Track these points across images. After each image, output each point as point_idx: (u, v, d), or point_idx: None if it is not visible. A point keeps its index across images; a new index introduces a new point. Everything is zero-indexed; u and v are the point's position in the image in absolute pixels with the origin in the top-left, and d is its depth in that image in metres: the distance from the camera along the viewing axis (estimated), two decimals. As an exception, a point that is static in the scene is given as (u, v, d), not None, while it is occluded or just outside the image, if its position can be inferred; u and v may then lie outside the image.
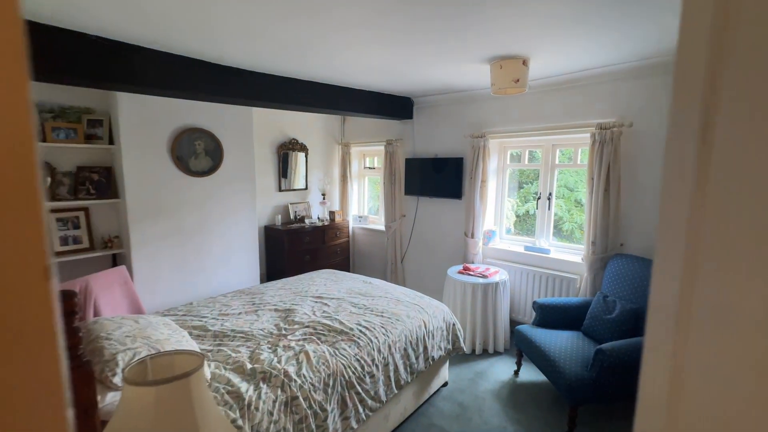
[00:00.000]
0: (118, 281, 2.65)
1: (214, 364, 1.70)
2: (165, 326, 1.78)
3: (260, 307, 2.44)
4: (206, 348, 1.86)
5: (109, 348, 1.39)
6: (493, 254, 3.63)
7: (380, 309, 2.38)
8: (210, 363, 1.70)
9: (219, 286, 3.51)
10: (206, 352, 1.82)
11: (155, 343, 1.51)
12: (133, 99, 2.84)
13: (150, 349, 1.45)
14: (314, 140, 4.73)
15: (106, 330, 1.56)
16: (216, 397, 1.46)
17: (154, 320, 1.81)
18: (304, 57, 2.47)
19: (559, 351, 2.30)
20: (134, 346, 1.43)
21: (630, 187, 2.78)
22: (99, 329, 1.57)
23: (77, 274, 2.76)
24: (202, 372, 0.89)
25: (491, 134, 3.49)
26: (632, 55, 2.46)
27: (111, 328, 1.59)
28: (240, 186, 3.61)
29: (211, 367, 1.66)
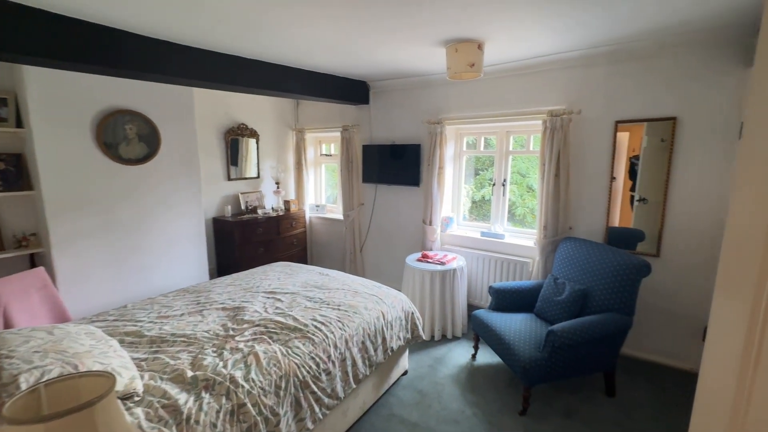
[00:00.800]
0: (36, 285, 2.33)
1: (148, 374, 1.52)
2: (88, 336, 1.57)
3: (206, 306, 2.25)
4: (140, 357, 1.67)
5: (9, 368, 1.18)
6: (451, 240, 3.65)
7: (337, 302, 2.29)
8: (143, 374, 1.53)
9: (163, 285, 3.23)
10: (140, 361, 1.63)
11: (72, 358, 1.31)
12: (43, 75, 2.45)
13: (64, 365, 1.25)
14: (266, 125, 4.45)
15: (7, 346, 1.32)
16: (149, 413, 1.30)
17: (75, 329, 1.59)
18: (247, 32, 2.25)
19: (513, 334, 2.36)
20: (43, 364, 1.22)
21: (578, 173, 2.88)
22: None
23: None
24: (113, 397, 0.75)
25: (448, 120, 3.46)
26: (583, 43, 2.50)
27: (15, 342, 1.36)
28: (182, 175, 3.31)
29: (144, 379, 1.49)
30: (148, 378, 1.50)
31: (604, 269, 2.37)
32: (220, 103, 3.94)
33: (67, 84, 2.56)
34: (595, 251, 2.51)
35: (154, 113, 3.03)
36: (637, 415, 2.20)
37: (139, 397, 1.38)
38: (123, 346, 1.77)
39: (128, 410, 1.29)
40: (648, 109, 2.56)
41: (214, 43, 2.47)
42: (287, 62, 3.01)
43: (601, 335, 2.14)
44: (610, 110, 2.70)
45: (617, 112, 2.68)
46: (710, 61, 2.35)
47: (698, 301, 2.53)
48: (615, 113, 2.69)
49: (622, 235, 2.78)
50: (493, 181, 3.47)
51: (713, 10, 1.96)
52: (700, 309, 2.53)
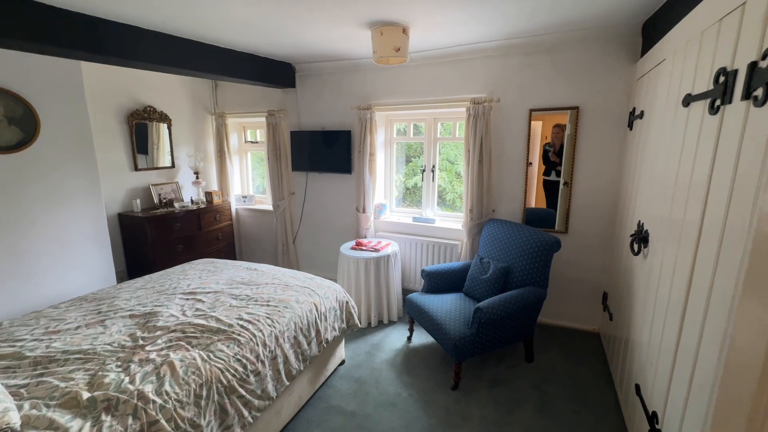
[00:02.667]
0: None
1: (29, 403, 1.28)
2: (-61, 366, 1.26)
3: (108, 315, 1.97)
4: (18, 383, 1.40)
5: None
6: (385, 227, 3.68)
7: (266, 298, 2.16)
8: (23, 403, 1.28)
9: (57, 295, 2.76)
10: (18, 388, 1.36)
11: None
12: None
13: None
14: (178, 109, 3.99)
15: None
16: (29, 449, 1.09)
17: None
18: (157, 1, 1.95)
19: (444, 314, 2.45)
20: None
21: (498, 158, 3.06)
22: None
23: None
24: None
25: (377, 106, 3.43)
26: (500, 33, 2.62)
27: None
28: (73, 164, 2.82)
29: (23, 409, 1.25)
30: (30, 407, 1.26)
31: (522, 247, 2.57)
32: (119, 82, 3.43)
33: None
34: (515, 231, 2.70)
35: (27, 91, 2.52)
36: (552, 377, 2.45)
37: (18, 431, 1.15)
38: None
39: (0, 450, 1.07)
40: (556, 98, 2.80)
41: (102, 8, 2.10)
42: (197, 37, 2.70)
43: (521, 307, 2.33)
44: (525, 99, 2.90)
45: (531, 101, 2.88)
46: (603, 56, 2.62)
47: (600, 271, 2.88)
48: (529, 102, 2.89)
49: (538, 215, 3.03)
50: (423, 168, 3.55)
51: (602, 9, 2.17)
52: (600, 277, 2.88)
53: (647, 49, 2.27)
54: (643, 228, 1.88)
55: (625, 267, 2.25)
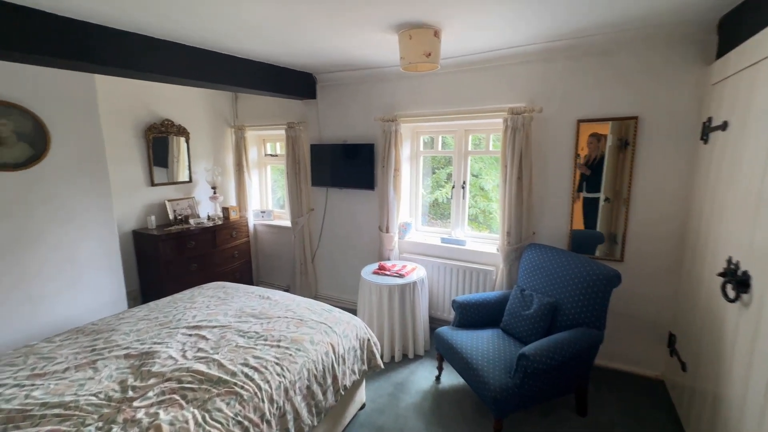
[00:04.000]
0: None
1: (-17, 483, 1.05)
2: None
3: (103, 354, 1.76)
4: (-19, 450, 1.18)
5: None
6: (410, 248, 3.37)
7: (277, 336, 1.90)
8: (-23, 482, 1.05)
9: (67, 318, 2.61)
10: (-23, 458, 1.15)
11: None
12: None
13: None
14: (198, 122, 3.88)
15: None
16: None
17: None
18: (160, 5, 1.77)
19: (480, 356, 2.11)
20: None
21: (540, 175, 2.71)
22: None
23: None
24: None
25: (403, 118, 3.16)
26: (543, 35, 2.31)
27: None
28: (85, 181, 2.70)
29: (-26, 493, 1.02)
30: (-18, 490, 1.03)
31: (573, 280, 2.20)
32: (136, 96, 3.33)
33: None
34: (562, 259, 2.34)
35: (38, 106, 2.41)
36: (611, 436, 2.05)
37: None
38: (-40, 432, 1.26)
39: None
40: (610, 106, 2.44)
41: (114, 17, 1.95)
42: (213, 47, 2.53)
43: (574, 354, 1.96)
44: (572, 108, 2.55)
45: (579, 111, 2.53)
46: (668, 58, 2.26)
47: (663, 306, 2.46)
48: (576, 111, 2.54)
49: (583, 237, 2.65)
50: (452, 183, 3.23)
51: (673, 2, 1.82)
52: (663, 313, 2.46)
53: (727, 49, 1.90)
54: (738, 268, 1.50)
55: (706, 310, 1.85)
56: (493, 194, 3.42)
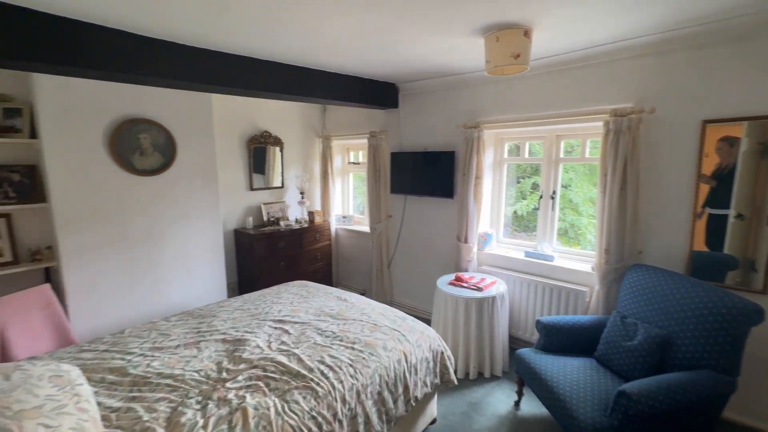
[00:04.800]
0: (39, 304, 2.20)
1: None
2: (51, 381, 1.33)
3: (205, 336, 2.00)
4: (113, 406, 1.42)
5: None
6: (490, 261, 3.19)
7: (352, 338, 1.94)
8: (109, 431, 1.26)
9: (178, 303, 3.06)
10: (110, 412, 1.38)
11: (11, 419, 1.06)
12: (54, 83, 2.35)
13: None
14: (291, 133, 4.25)
15: (-53, 398, 1.11)
16: (93, 498, 1.02)
17: (39, 372, 1.36)
18: (264, 31, 2.00)
19: (569, 386, 1.88)
20: (-32, 431, 0.99)
21: (650, 185, 2.34)
22: (-62, 397, 1.12)
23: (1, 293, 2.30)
24: None
25: (486, 124, 3.03)
26: (661, 23, 2.00)
27: (-42, 393, 1.14)
28: (200, 185, 3.14)
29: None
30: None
31: (695, 311, 1.83)
32: (242, 110, 3.79)
33: (79, 92, 2.46)
34: (679, 285, 1.97)
35: (169, 122, 2.89)
36: None
37: (92, 469, 1.11)
38: (101, 388, 1.53)
39: (70, 493, 1.02)
40: (747, 104, 2.00)
41: (229, 44, 2.25)
42: (306, 63, 2.75)
43: (692, 402, 1.62)
44: (695, 107, 2.16)
45: (705, 109, 2.13)
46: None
47: (826, 355, 1.91)
48: (702, 110, 2.14)
49: (708, 262, 2.20)
50: (540, 193, 2.99)
51: None
52: (828, 366, 1.91)
53: None
54: None
55: None
56: (584, 208, 3.06)
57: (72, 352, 1.86)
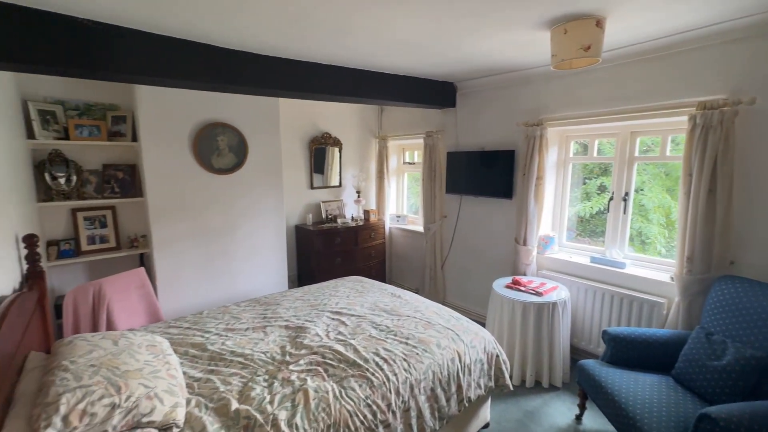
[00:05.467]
0: (135, 284, 2.53)
1: (195, 400, 1.43)
2: (148, 349, 1.54)
3: (271, 321, 2.16)
4: (195, 375, 1.61)
5: (59, 384, 1.16)
6: (551, 265, 3.04)
7: (405, 334, 1.98)
8: (192, 398, 1.43)
9: (244, 290, 3.34)
10: (193, 381, 1.56)
11: (119, 377, 1.25)
12: (152, 93, 2.70)
13: (108, 386, 1.19)
14: (349, 134, 4.41)
15: (73, 355, 1.34)
16: (181, 453, 1.17)
17: (139, 340, 1.59)
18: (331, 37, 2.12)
19: (641, 404, 1.73)
20: (89, 383, 1.18)
21: (747, 187, 2.07)
22: (67, 353, 1.36)
23: (105, 274, 2.71)
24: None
25: (550, 121, 2.89)
26: (760, 3, 1.77)
27: (81, 351, 1.37)
28: (266, 184, 3.39)
29: (190, 404, 1.39)
30: (194, 404, 1.40)
31: (801, 332, 1.59)
32: (305, 113, 4.01)
33: (170, 101, 2.79)
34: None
35: (242, 125, 3.16)
36: None
37: (179, 428, 1.27)
38: (185, 360, 1.74)
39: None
40: None
41: (298, 52, 2.41)
42: (367, 66, 2.84)
43: (797, 435, 1.41)
44: (808, 96, 1.86)
45: (822, 99, 1.83)
46: None
47: None
48: (818, 100, 1.84)
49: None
50: (610, 194, 2.77)
51: None
52: None
53: None
54: None
55: None
56: (655, 215, 2.74)
57: (161, 327, 2.12)
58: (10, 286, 1.65)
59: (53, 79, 2.56)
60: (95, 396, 1.15)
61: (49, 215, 2.67)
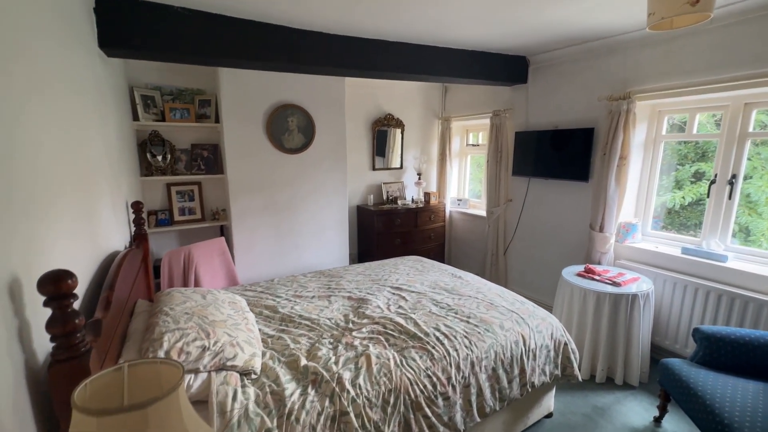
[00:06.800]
0: (217, 251, 2.81)
1: (269, 353, 1.56)
2: (230, 305, 1.71)
3: (335, 292, 2.27)
4: (269, 333, 1.75)
5: (162, 325, 1.34)
6: (631, 254, 2.75)
7: (467, 312, 1.95)
8: (266, 351, 1.57)
9: (309, 263, 3.53)
10: (267, 337, 1.70)
11: (208, 325, 1.41)
12: (232, 76, 2.92)
13: (200, 331, 1.35)
14: (412, 115, 4.37)
15: (171, 303, 1.54)
16: (258, 395, 1.29)
17: (222, 297, 1.77)
18: (388, 9, 2.10)
19: (739, 413, 1.52)
20: (185, 327, 1.35)
21: None
22: (166, 301, 1.56)
23: (192, 241, 3.05)
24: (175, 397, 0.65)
25: (640, 94, 2.57)
26: None
27: (177, 301, 1.57)
28: (331, 164, 3.52)
29: (265, 357, 1.52)
30: (269, 357, 1.53)
31: None
32: (369, 95, 4.05)
33: (248, 84, 3.00)
34: None
35: (311, 106, 3.29)
36: None
37: (256, 375, 1.40)
38: (260, 319, 1.90)
39: (243, 387, 1.31)
40: None
41: (362, 29, 2.43)
42: (432, 41, 2.76)
43: None
44: None
45: None
46: None
47: None
48: None
49: None
50: (713, 177, 2.41)
51: None
52: None
53: None
54: None
55: None
56: (766, 208, 2.29)
57: (239, 289, 2.34)
58: (123, 244, 1.94)
59: (152, 66, 2.88)
60: (190, 338, 1.31)
61: (149, 188, 3.05)
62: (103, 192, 1.63)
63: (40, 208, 0.93)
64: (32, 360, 0.81)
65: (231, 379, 1.30)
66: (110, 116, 1.98)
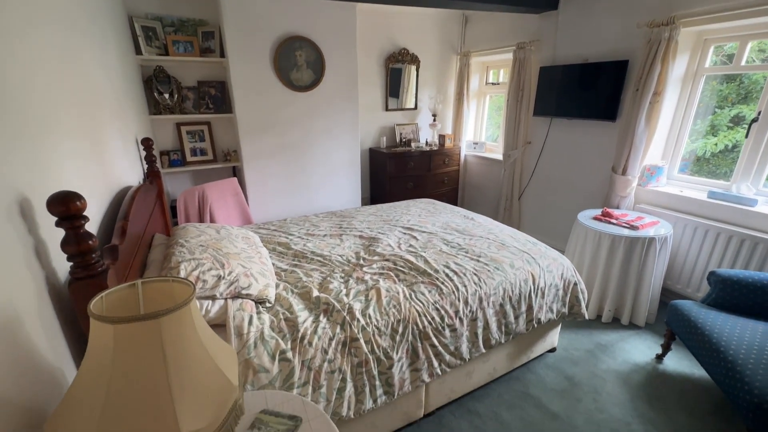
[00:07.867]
0: (230, 191, 2.83)
1: (283, 285, 1.61)
2: (244, 240, 1.75)
3: (346, 231, 2.29)
4: (283, 267, 1.80)
5: (178, 255, 1.38)
6: (652, 198, 2.65)
7: (477, 252, 1.95)
8: (280, 283, 1.62)
9: (321, 205, 3.55)
10: (281, 271, 1.76)
11: (222, 257, 1.45)
12: (235, 4, 2.71)
13: (215, 261, 1.40)
14: (428, 50, 4.07)
15: (186, 236, 1.58)
16: (273, 321, 1.35)
17: (236, 232, 1.80)
18: None
19: (745, 350, 1.54)
20: (201, 257, 1.39)
21: None
22: (182, 234, 1.60)
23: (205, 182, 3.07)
24: (187, 311, 0.68)
25: (686, 18, 2.29)
26: None
27: (192, 234, 1.60)
28: (342, 103, 3.37)
29: (278, 288, 1.58)
30: (282, 288, 1.58)
31: None
32: (382, 27, 3.75)
33: (252, 13, 2.79)
34: None
35: (320, 39, 3.08)
36: None
37: (270, 304, 1.46)
38: (273, 254, 1.95)
39: (258, 314, 1.37)
40: None
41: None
42: (455, -42, 2.47)
43: None
44: None
45: None
46: None
47: None
48: None
49: None
50: (756, 115, 2.21)
51: None
52: None
53: None
54: None
55: None
56: None
57: (252, 228, 2.39)
58: (136, 179, 1.95)
59: (151, -7, 2.69)
60: (205, 267, 1.35)
61: (160, 128, 3.01)
62: (109, 123, 1.60)
63: (42, 127, 0.91)
64: (53, 277, 0.85)
65: (246, 306, 1.36)
66: (111, 47, 1.89)
